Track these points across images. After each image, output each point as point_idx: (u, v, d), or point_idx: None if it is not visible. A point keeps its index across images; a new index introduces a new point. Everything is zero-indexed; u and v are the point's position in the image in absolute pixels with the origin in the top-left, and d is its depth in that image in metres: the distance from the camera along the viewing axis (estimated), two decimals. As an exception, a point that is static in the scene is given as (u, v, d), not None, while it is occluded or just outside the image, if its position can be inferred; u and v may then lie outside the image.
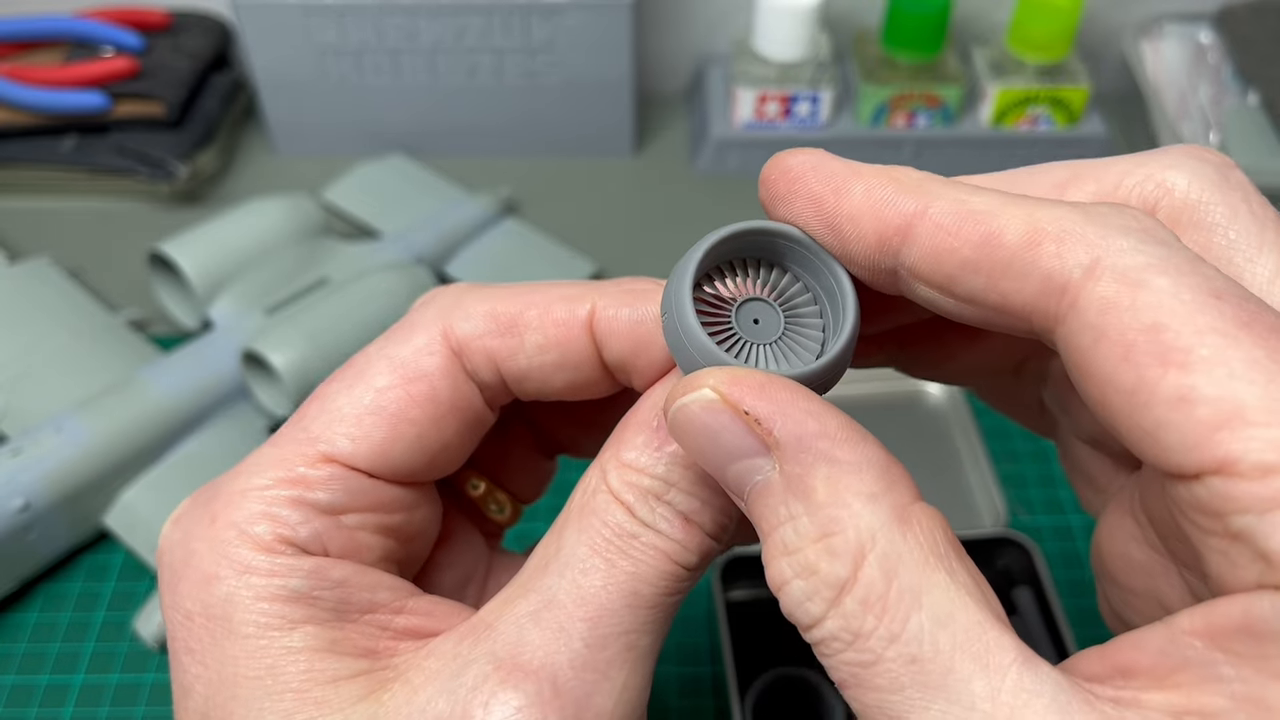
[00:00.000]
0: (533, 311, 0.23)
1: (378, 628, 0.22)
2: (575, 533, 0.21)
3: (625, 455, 0.21)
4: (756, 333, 0.21)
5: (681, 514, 0.21)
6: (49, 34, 0.61)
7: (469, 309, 0.23)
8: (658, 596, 0.21)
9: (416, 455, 0.23)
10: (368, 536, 0.22)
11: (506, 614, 0.21)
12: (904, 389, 0.51)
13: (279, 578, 0.21)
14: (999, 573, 0.44)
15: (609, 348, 0.23)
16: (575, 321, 0.23)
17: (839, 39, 0.65)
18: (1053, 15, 0.58)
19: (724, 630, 0.40)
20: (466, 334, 0.23)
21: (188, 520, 0.22)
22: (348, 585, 0.21)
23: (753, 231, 0.21)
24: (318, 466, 0.22)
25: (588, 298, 0.23)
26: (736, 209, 0.60)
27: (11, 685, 0.41)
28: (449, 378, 0.23)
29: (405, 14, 0.57)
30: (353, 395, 0.22)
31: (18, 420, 0.46)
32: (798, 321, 0.21)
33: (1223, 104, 0.61)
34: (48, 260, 0.53)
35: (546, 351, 0.23)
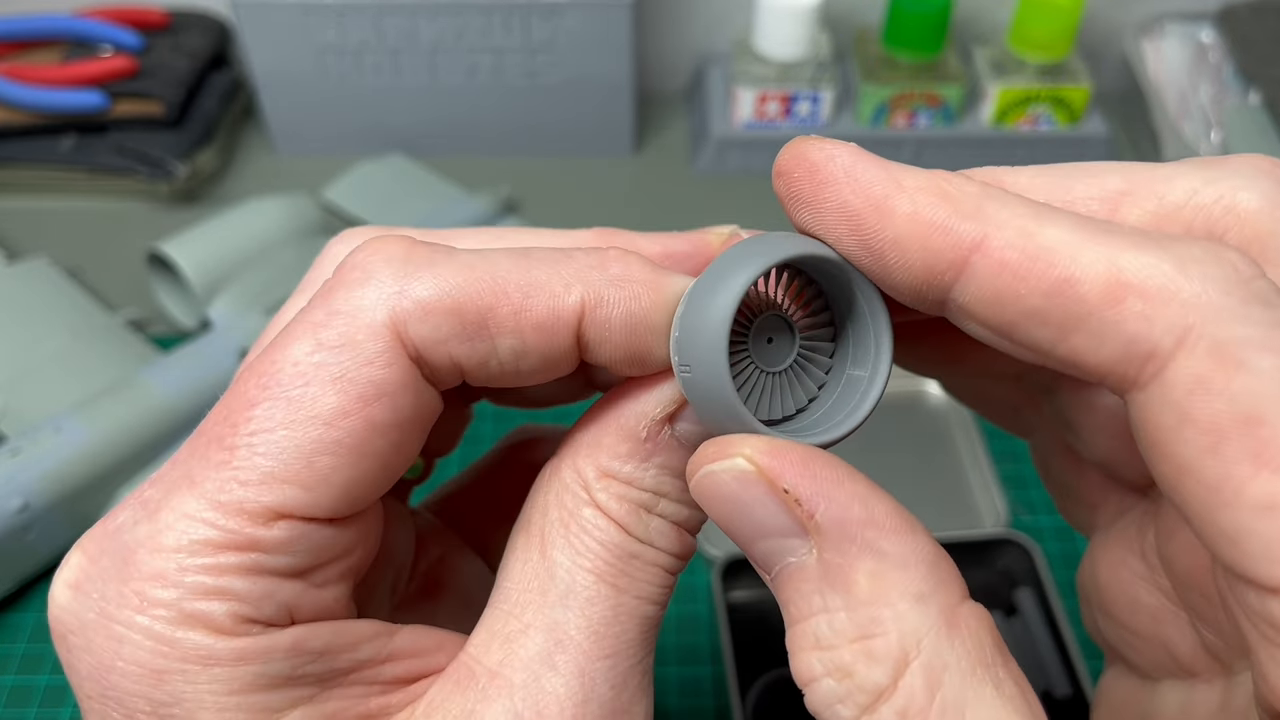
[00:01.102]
0: (506, 308, 0.18)
1: (367, 685, 0.19)
2: (569, 555, 0.19)
3: (609, 465, 0.19)
4: (768, 356, 0.19)
5: (674, 524, 0.20)
6: (48, 33, 0.61)
7: (425, 301, 0.18)
8: (659, 612, 0.20)
9: (382, 485, 0.19)
10: (335, 589, 0.19)
11: (513, 658, 0.19)
12: (904, 389, 0.51)
13: (256, 664, 0.17)
14: (999, 573, 0.44)
15: (595, 351, 0.19)
16: (559, 325, 0.19)
17: (839, 38, 0.64)
18: (1054, 14, 0.58)
19: (724, 630, 0.40)
20: (427, 339, 0.18)
21: (98, 592, 0.18)
22: (330, 652, 0.18)
23: (796, 260, 0.18)
24: (271, 525, 0.17)
25: (573, 289, 0.19)
26: (736, 209, 0.60)
27: (11, 685, 0.41)
28: (411, 393, 0.18)
29: (405, 13, 0.57)
30: (296, 430, 0.17)
31: (17, 420, 0.46)
32: (812, 344, 0.19)
33: (1224, 103, 0.60)
34: (47, 260, 0.53)
35: (524, 357, 0.19)
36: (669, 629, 0.43)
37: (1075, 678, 0.39)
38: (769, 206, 0.63)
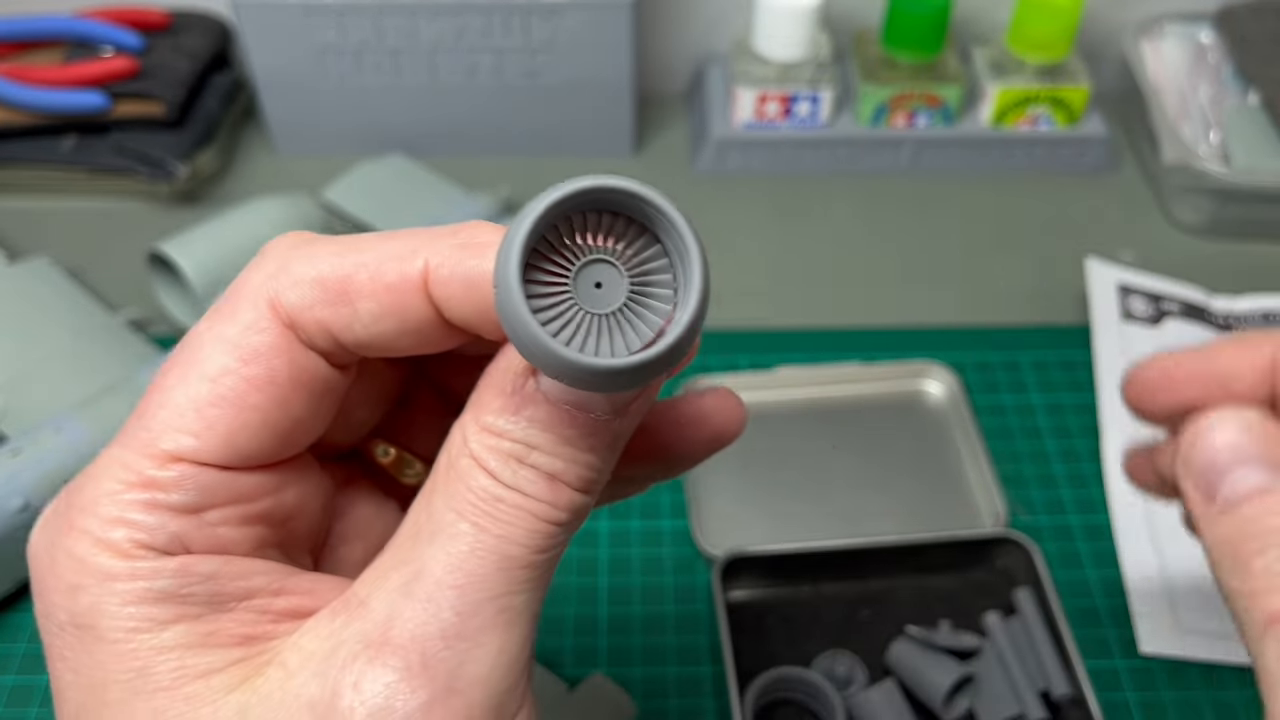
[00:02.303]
0: (363, 275, 0.21)
1: (256, 613, 0.21)
2: (443, 499, 0.21)
3: (485, 419, 0.21)
4: (596, 299, 0.19)
5: (547, 474, 0.21)
6: (49, 34, 0.61)
7: (296, 274, 0.21)
8: (529, 555, 0.21)
9: (266, 439, 0.22)
10: (231, 530, 0.21)
11: (378, 588, 0.21)
12: (904, 389, 0.51)
13: (143, 580, 0.20)
14: (998, 572, 0.44)
15: (449, 310, 0.21)
16: (408, 285, 0.21)
17: (839, 39, 0.64)
18: (1053, 15, 0.58)
19: (724, 630, 0.40)
20: (295, 305, 0.21)
21: (49, 529, 0.21)
22: (218, 577, 0.21)
23: (594, 191, 0.18)
24: (166, 467, 0.21)
25: (420, 254, 0.21)
26: (736, 209, 0.60)
27: (12, 685, 0.41)
28: (284, 354, 0.21)
29: (405, 13, 0.57)
30: (189, 386, 0.21)
31: (17, 420, 0.46)
32: (646, 288, 0.19)
33: (1223, 104, 0.60)
34: (47, 260, 0.53)
35: (383, 319, 0.21)
36: (669, 629, 0.43)
37: (1074, 678, 0.40)
38: (768, 206, 0.63)
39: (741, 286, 0.56)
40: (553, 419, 0.20)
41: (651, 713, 0.40)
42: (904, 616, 0.42)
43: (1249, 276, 0.57)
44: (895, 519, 0.46)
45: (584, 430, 0.21)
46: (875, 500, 0.47)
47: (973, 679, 0.40)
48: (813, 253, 0.58)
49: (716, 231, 0.59)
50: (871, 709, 0.39)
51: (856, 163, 0.62)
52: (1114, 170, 0.63)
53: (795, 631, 0.42)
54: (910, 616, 0.42)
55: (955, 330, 0.54)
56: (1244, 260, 0.58)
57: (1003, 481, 0.47)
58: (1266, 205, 0.57)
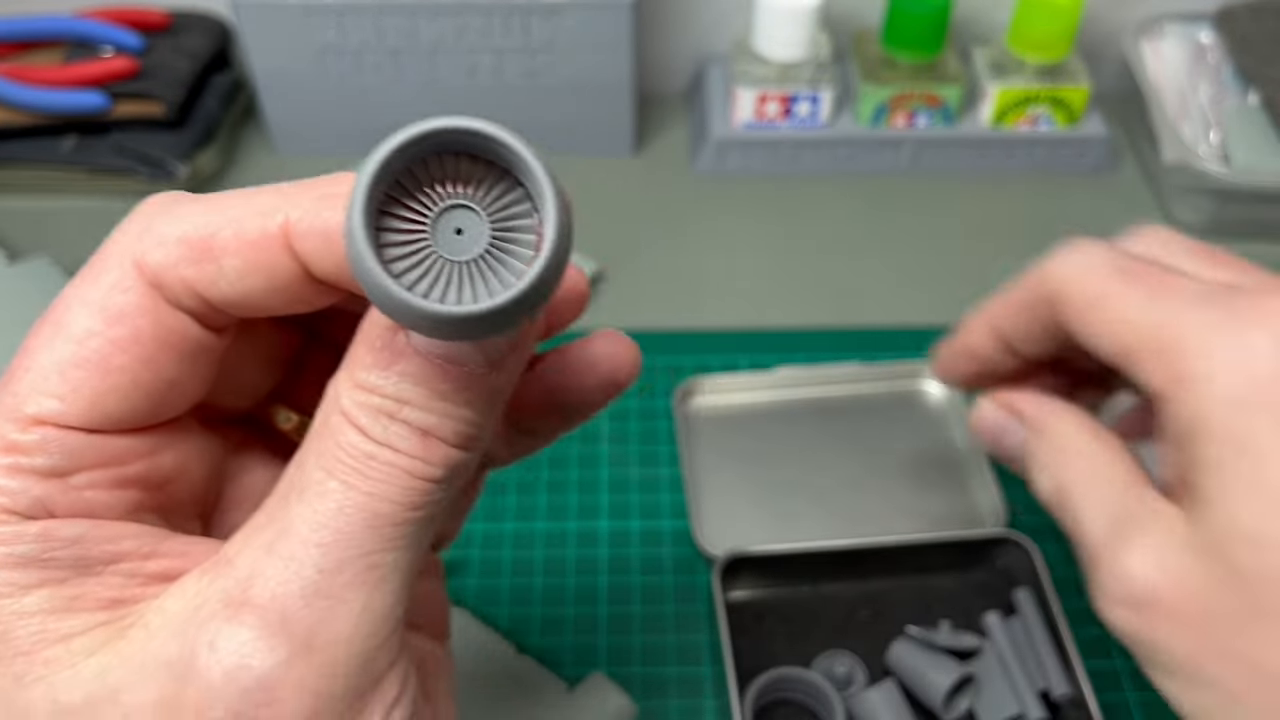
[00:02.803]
0: (227, 232, 0.21)
1: (125, 576, 0.21)
2: (313, 457, 0.20)
3: (357, 375, 0.20)
4: (457, 247, 0.18)
5: (419, 429, 0.20)
6: (49, 34, 0.61)
7: (161, 233, 0.21)
8: (401, 513, 0.20)
9: (136, 401, 0.21)
10: (101, 493, 0.21)
11: (245, 547, 0.20)
12: (904, 389, 0.51)
13: (3, 546, 0.20)
14: (998, 572, 0.44)
15: (313, 265, 0.21)
16: (270, 240, 0.21)
17: (839, 39, 0.64)
18: (1053, 15, 0.58)
19: (724, 630, 0.40)
20: (160, 264, 0.21)
21: None
22: (83, 541, 0.20)
23: (441, 132, 0.18)
24: (29, 430, 0.20)
25: (281, 209, 0.21)
26: (736, 209, 0.61)
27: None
28: (149, 315, 0.21)
29: (405, 14, 0.57)
30: (54, 349, 0.21)
31: (17, 420, 0.46)
32: (509, 233, 0.19)
33: (1223, 104, 0.61)
34: (48, 260, 0.53)
35: (248, 276, 0.21)
36: (668, 628, 0.43)
37: (1074, 678, 0.40)
38: (768, 206, 0.63)
39: (741, 286, 0.56)
40: (425, 373, 0.20)
41: (651, 712, 0.40)
42: (904, 616, 0.42)
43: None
44: (895, 519, 0.46)
45: (458, 384, 0.20)
46: (875, 500, 0.47)
47: (973, 679, 0.40)
48: (813, 253, 0.58)
49: (716, 231, 0.59)
50: (871, 709, 0.39)
51: (856, 163, 0.62)
52: (1114, 170, 0.63)
53: (795, 631, 0.42)
54: (910, 616, 0.42)
55: (955, 330, 0.54)
56: (1244, 260, 0.58)
57: (1003, 481, 0.47)
58: (1266, 205, 0.57)
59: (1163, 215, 0.60)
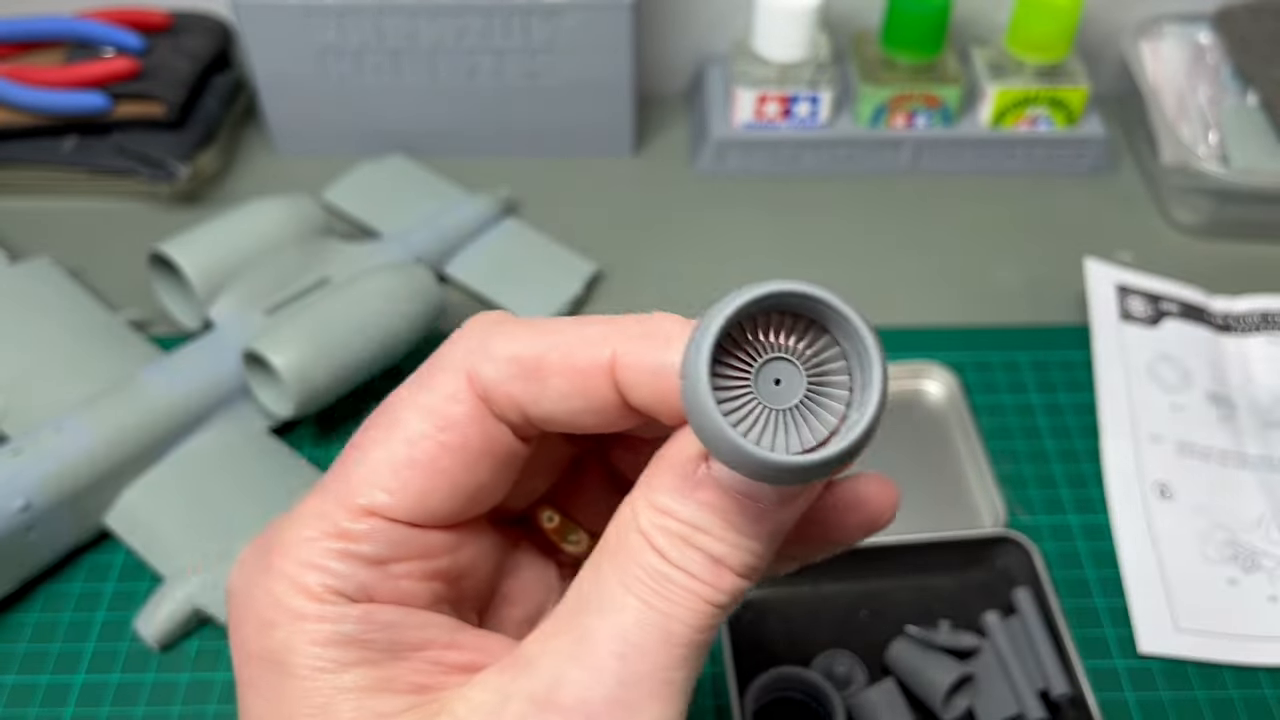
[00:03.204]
0: (555, 355, 0.23)
1: (430, 664, 0.22)
2: (611, 571, 0.22)
3: (656, 499, 0.22)
4: (776, 395, 0.20)
5: (712, 557, 0.21)
6: (49, 34, 0.61)
7: (493, 352, 0.23)
8: (690, 634, 0.21)
9: (453, 501, 0.23)
10: (413, 583, 0.23)
11: (546, 650, 0.22)
12: (903, 389, 0.51)
13: (330, 623, 0.22)
14: (999, 573, 0.44)
15: (632, 396, 0.23)
16: (597, 369, 0.22)
17: (838, 39, 0.65)
18: (1052, 16, 0.58)
19: (724, 630, 0.40)
20: (491, 379, 0.23)
21: (249, 567, 0.23)
22: (397, 626, 0.22)
23: (780, 295, 0.20)
24: (360, 520, 0.22)
25: (609, 341, 0.23)
26: (736, 209, 0.61)
27: (12, 685, 0.41)
28: (477, 424, 0.23)
29: (405, 14, 0.57)
30: (388, 447, 0.23)
31: (18, 420, 0.46)
32: (822, 386, 0.21)
33: (1221, 104, 0.61)
34: (48, 260, 0.53)
35: (570, 398, 0.23)
36: (669, 628, 0.43)
37: (1073, 677, 0.40)
38: (768, 207, 0.63)
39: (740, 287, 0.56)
40: (721, 504, 0.21)
41: (651, 712, 0.40)
42: (903, 616, 0.42)
43: (1248, 277, 0.57)
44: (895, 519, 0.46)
45: (750, 518, 0.21)
46: (875, 500, 0.47)
47: (972, 679, 0.40)
48: (812, 253, 0.58)
49: (716, 232, 0.59)
50: (871, 709, 0.39)
51: (856, 163, 0.62)
52: (1113, 171, 0.63)
53: (795, 631, 0.42)
54: (910, 616, 0.42)
55: (954, 330, 0.54)
56: (1243, 261, 0.58)
57: (1002, 481, 0.47)
58: (1265, 206, 0.57)
59: (1161, 216, 0.61)
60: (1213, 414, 0.49)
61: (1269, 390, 0.51)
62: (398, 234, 0.55)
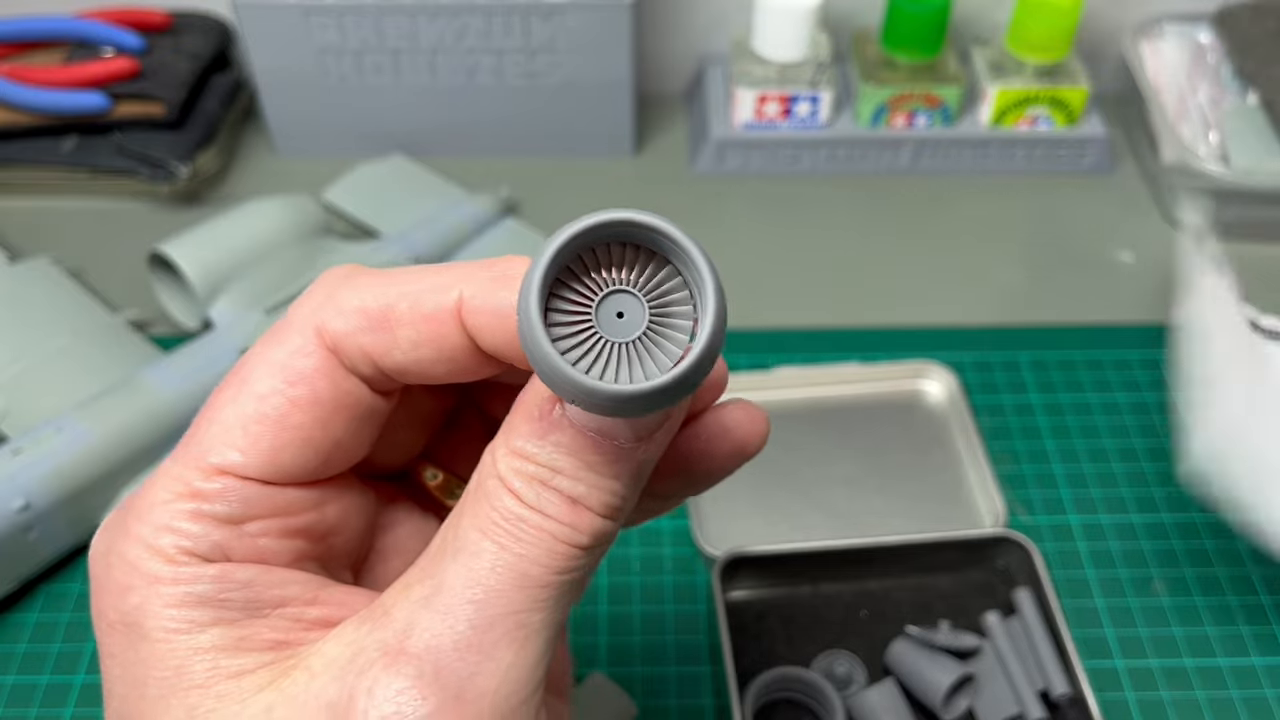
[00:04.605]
0: (404, 304, 0.23)
1: (290, 620, 0.22)
2: (469, 518, 0.22)
3: (514, 443, 0.22)
4: (618, 328, 0.20)
5: (568, 497, 0.21)
6: (49, 34, 0.61)
7: (341, 304, 0.23)
8: (547, 575, 0.21)
9: (308, 457, 0.23)
10: (271, 541, 0.23)
11: (401, 599, 0.21)
12: (903, 389, 0.51)
13: (184, 585, 0.21)
14: (998, 572, 0.44)
15: (481, 339, 0.22)
16: (444, 314, 0.22)
17: (838, 39, 0.65)
18: (1052, 15, 0.58)
19: (724, 630, 0.40)
20: (339, 331, 0.23)
21: (108, 534, 0.23)
22: (254, 585, 0.22)
23: (610, 225, 0.19)
24: (211, 479, 0.22)
25: (455, 286, 0.22)
26: (736, 209, 0.61)
27: (12, 685, 0.41)
28: (327, 377, 0.23)
29: (405, 14, 0.57)
30: (237, 405, 0.23)
31: (18, 420, 0.46)
32: (666, 318, 0.20)
33: (1222, 104, 0.61)
34: (48, 260, 0.53)
35: (420, 346, 0.23)
36: (669, 628, 0.43)
37: (1074, 677, 0.40)
38: (767, 207, 0.63)
39: (740, 287, 0.56)
40: (578, 445, 0.21)
41: (651, 712, 0.40)
42: (904, 616, 0.42)
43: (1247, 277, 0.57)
44: (895, 519, 0.46)
45: (608, 457, 0.21)
46: (874, 500, 0.47)
47: (972, 679, 0.40)
48: (812, 253, 0.58)
49: (716, 232, 0.59)
50: (871, 709, 0.39)
51: (856, 163, 0.62)
52: (1113, 171, 0.63)
53: (795, 631, 0.42)
54: (910, 616, 0.42)
55: (954, 330, 0.54)
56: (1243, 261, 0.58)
57: (1002, 481, 0.47)
58: (1265, 206, 0.57)
59: (1161, 215, 0.61)
60: None
61: None
62: (397, 234, 0.55)
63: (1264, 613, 0.44)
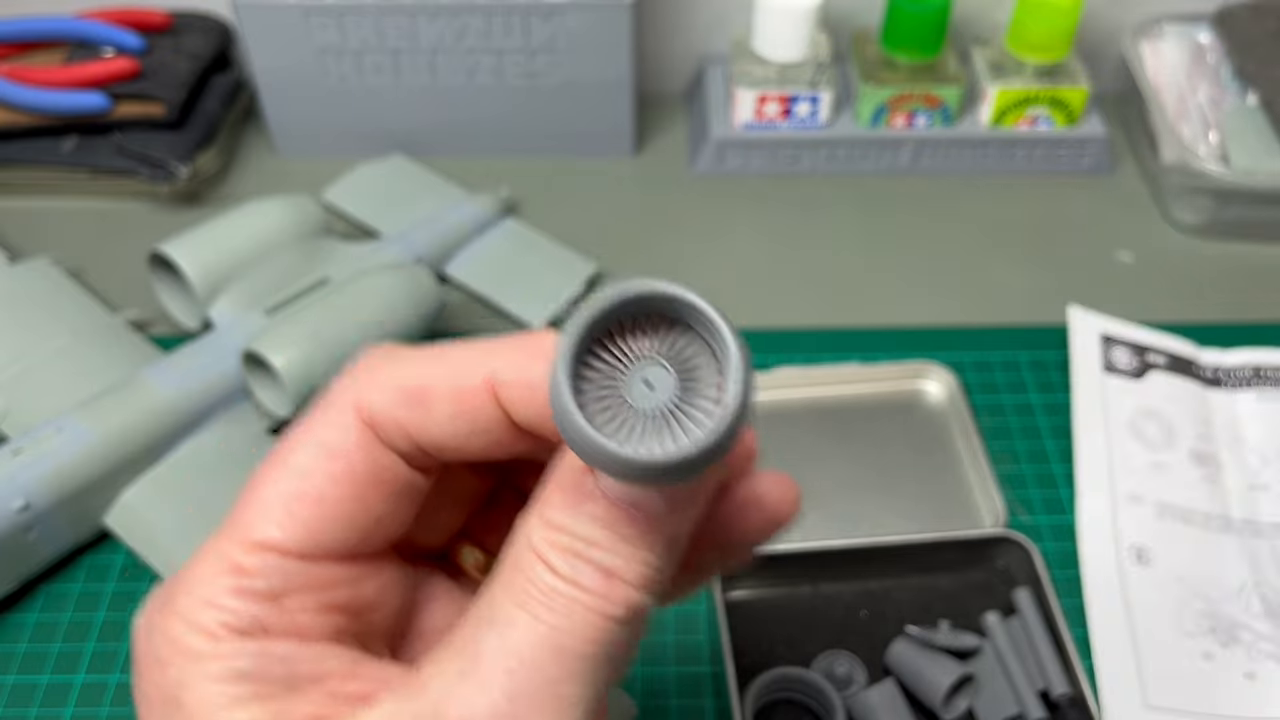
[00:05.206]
0: (439, 380, 0.23)
1: (327, 695, 0.22)
2: (504, 590, 0.22)
3: (547, 514, 0.22)
4: (647, 397, 0.20)
5: (603, 569, 0.21)
6: (50, 35, 0.61)
7: (379, 380, 0.23)
8: (584, 647, 0.21)
9: (347, 533, 0.23)
10: (310, 616, 0.23)
11: (437, 672, 0.22)
12: (903, 389, 0.51)
13: (224, 660, 0.22)
14: (998, 572, 0.44)
15: (515, 413, 0.23)
16: (478, 389, 0.23)
17: (838, 39, 0.65)
18: (1052, 15, 0.58)
19: (724, 630, 0.40)
20: (377, 406, 0.23)
21: (151, 609, 0.23)
22: (293, 660, 0.22)
23: (639, 298, 0.20)
24: (252, 554, 0.23)
25: (489, 361, 0.23)
26: (736, 209, 0.61)
27: (12, 685, 0.41)
28: (365, 451, 0.23)
29: (405, 14, 0.57)
30: (277, 481, 0.23)
31: (18, 420, 0.46)
32: (693, 384, 0.20)
33: (1222, 104, 0.61)
34: (48, 260, 0.53)
35: (456, 420, 0.23)
36: (669, 628, 0.43)
37: (1074, 677, 0.40)
38: (767, 207, 0.63)
39: (740, 287, 0.56)
40: (611, 516, 0.21)
41: (651, 712, 0.40)
42: (904, 616, 0.42)
43: (1246, 277, 0.57)
44: (895, 519, 0.46)
45: (642, 528, 0.21)
46: (874, 500, 0.47)
47: (972, 679, 0.40)
48: (811, 253, 0.58)
49: (716, 232, 0.59)
50: (871, 709, 0.39)
51: (856, 163, 0.62)
52: (1113, 171, 0.63)
53: (795, 631, 0.42)
54: (910, 616, 0.42)
55: (954, 330, 0.54)
56: (1242, 261, 0.58)
57: (1002, 481, 0.47)
58: (1265, 206, 0.57)
59: (1161, 216, 0.61)
60: (1196, 474, 0.47)
61: (1257, 450, 0.48)
62: (397, 234, 0.55)
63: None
